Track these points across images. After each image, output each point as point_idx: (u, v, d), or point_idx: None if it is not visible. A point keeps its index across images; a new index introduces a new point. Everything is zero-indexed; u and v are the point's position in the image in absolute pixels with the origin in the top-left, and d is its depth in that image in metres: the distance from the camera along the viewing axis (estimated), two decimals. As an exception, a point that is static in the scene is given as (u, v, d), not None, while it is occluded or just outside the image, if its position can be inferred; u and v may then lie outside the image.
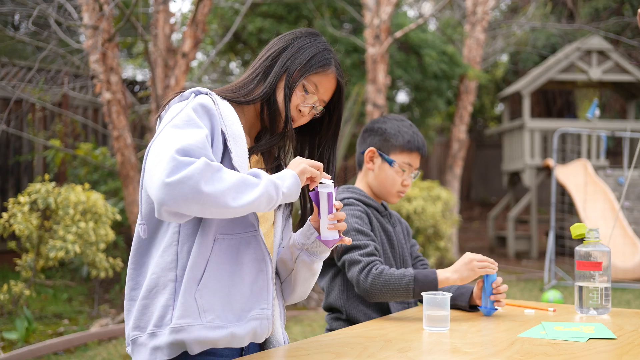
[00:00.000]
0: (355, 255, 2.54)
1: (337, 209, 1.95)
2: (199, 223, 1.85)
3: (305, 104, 2.00)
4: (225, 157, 1.86)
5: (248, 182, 1.74)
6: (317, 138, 2.13)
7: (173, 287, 1.83)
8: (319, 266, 2.08)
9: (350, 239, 2.03)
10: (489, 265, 2.45)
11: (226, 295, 1.86)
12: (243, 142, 1.89)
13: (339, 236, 1.97)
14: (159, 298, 1.85)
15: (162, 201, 1.65)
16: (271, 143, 2.01)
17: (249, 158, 1.99)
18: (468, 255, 2.46)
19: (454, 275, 2.45)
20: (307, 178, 1.90)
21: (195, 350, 1.81)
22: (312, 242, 2.01)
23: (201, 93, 1.90)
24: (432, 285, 2.45)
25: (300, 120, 2.03)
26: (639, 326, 2.24)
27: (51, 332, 5.87)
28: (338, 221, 1.96)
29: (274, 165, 2.10)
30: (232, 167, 1.84)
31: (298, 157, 1.91)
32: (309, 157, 2.13)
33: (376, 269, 2.51)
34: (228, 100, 1.97)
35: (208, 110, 1.84)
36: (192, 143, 1.71)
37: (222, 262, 1.86)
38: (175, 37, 9.15)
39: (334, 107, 2.08)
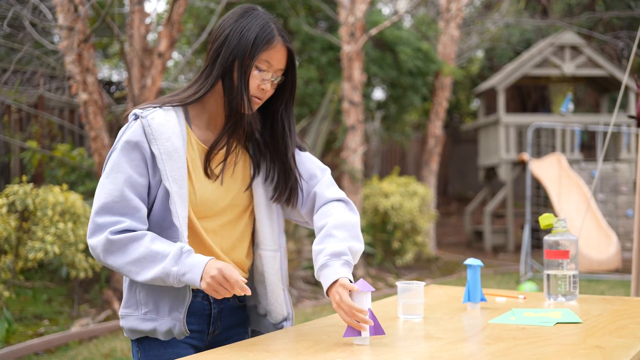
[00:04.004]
0: None
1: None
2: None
3: (264, 81, 2.04)
4: (163, 175, 1.99)
5: (149, 259, 1.94)
6: (273, 105, 2.16)
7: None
8: None
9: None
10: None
11: (158, 294, 2.04)
12: (179, 155, 2.00)
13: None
14: (124, 286, 2.13)
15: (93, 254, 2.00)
16: (228, 130, 2.08)
17: (216, 152, 2.08)
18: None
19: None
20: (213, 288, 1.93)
21: (131, 336, 2.07)
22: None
23: (137, 117, 2.03)
24: None
25: (266, 95, 2.08)
26: (604, 310, 2.33)
27: (31, 332, 5.88)
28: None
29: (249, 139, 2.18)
30: (168, 185, 1.97)
31: (222, 266, 1.92)
32: (266, 126, 2.17)
33: None
34: (177, 105, 2.06)
35: (135, 145, 1.99)
36: (110, 200, 1.95)
37: None
38: (151, 37, 9.15)
39: (286, 71, 2.11)
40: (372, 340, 1.93)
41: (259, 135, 2.18)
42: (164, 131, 1.99)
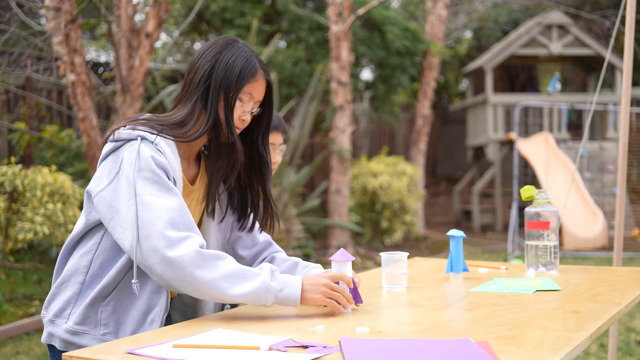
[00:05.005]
0: None
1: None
2: (118, 247, 1.98)
3: (245, 112, 2.10)
4: None
5: (240, 276, 1.88)
6: (252, 133, 2.22)
7: (79, 289, 2.01)
8: None
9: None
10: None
11: (121, 316, 2.00)
12: (180, 189, 2.03)
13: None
14: (65, 292, 2.02)
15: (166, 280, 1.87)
16: (222, 164, 2.13)
17: (220, 194, 2.18)
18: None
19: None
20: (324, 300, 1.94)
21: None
22: None
23: (147, 140, 1.98)
24: None
25: (244, 126, 2.13)
26: (583, 279, 2.38)
27: (22, 313, 5.91)
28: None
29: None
30: None
31: (322, 279, 1.94)
32: (248, 151, 2.22)
33: None
34: (172, 140, 2.04)
35: (162, 165, 1.96)
36: (175, 215, 1.89)
37: (128, 287, 1.99)
38: (139, 17, 9.13)
39: (264, 102, 2.18)
40: (358, 308, 1.98)
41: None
42: (174, 162, 2.01)
